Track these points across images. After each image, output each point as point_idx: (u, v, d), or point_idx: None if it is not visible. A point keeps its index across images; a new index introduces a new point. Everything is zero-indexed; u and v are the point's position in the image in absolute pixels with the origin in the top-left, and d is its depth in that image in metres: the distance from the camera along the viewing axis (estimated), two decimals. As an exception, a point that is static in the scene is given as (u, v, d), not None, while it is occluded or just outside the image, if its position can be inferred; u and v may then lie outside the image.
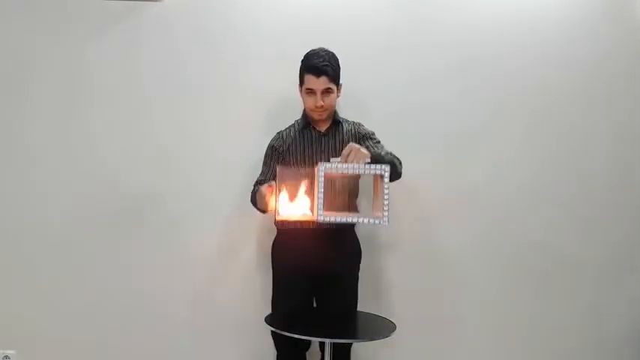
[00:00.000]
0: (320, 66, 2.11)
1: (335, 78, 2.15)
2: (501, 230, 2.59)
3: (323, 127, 2.26)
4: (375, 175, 1.88)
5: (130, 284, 2.54)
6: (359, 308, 2.28)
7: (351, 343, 2.28)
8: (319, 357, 2.18)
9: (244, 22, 2.52)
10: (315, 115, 2.21)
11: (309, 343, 2.25)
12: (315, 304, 2.29)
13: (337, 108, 2.27)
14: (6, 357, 2.53)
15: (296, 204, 1.91)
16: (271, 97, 2.50)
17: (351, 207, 2.29)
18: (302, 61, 2.17)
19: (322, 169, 1.85)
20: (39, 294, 2.53)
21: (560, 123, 2.59)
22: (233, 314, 2.56)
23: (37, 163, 2.52)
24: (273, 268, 2.31)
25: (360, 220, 1.90)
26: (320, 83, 2.12)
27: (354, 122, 2.32)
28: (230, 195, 2.52)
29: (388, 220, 1.82)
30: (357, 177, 2.27)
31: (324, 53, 2.14)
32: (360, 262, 2.32)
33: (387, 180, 1.82)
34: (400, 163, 2.17)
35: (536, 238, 2.59)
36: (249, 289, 2.54)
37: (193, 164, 2.54)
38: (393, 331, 1.93)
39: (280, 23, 2.52)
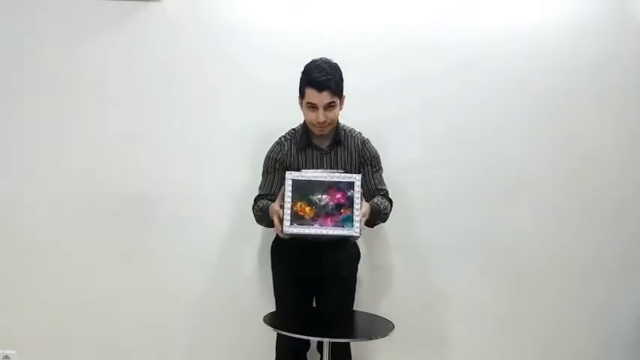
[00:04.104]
0: (322, 80, 2.00)
1: (338, 91, 2.05)
2: (500, 231, 2.58)
3: (324, 144, 2.17)
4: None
5: (129, 284, 2.54)
6: (357, 308, 2.28)
7: (349, 346, 2.28)
8: (318, 358, 2.18)
9: (244, 22, 2.52)
10: (317, 130, 2.12)
11: (308, 343, 2.25)
12: (314, 305, 2.29)
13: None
14: (6, 357, 2.53)
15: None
16: (273, 97, 2.49)
17: None
18: (302, 72, 2.07)
19: (290, 177, 1.89)
20: (39, 294, 2.53)
21: (561, 123, 2.58)
22: (233, 314, 2.56)
23: (37, 163, 2.52)
24: (272, 268, 2.31)
25: (331, 232, 1.88)
26: (322, 98, 2.01)
27: (360, 138, 2.21)
28: (230, 195, 2.52)
29: (360, 231, 1.87)
30: None
31: (326, 65, 2.03)
32: (358, 264, 2.31)
33: (357, 189, 1.87)
34: (391, 205, 2.18)
35: (536, 238, 2.58)
36: (249, 289, 2.54)
37: (194, 164, 2.54)
38: (391, 330, 1.92)
39: (281, 22, 2.52)
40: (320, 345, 2.10)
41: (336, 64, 2.07)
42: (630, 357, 2.61)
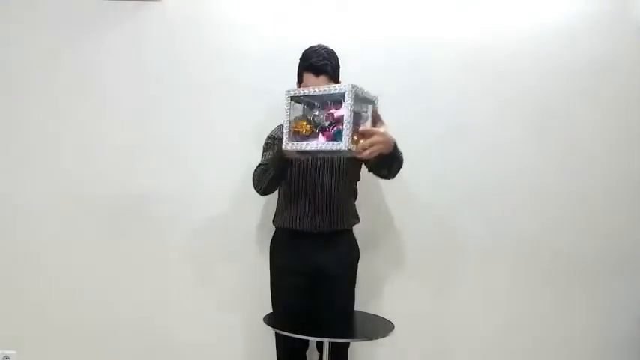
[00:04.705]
0: (319, 64, 2.05)
1: (335, 76, 2.10)
2: (501, 230, 2.58)
3: None
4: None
5: (129, 284, 2.55)
6: (358, 308, 2.28)
7: (349, 344, 2.27)
8: (317, 356, 2.18)
9: (244, 22, 2.53)
10: None
11: (307, 342, 2.25)
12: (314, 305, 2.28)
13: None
14: (6, 357, 2.54)
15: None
16: (271, 96, 2.49)
17: (351, 207, 2.29)
18: (300, 58, 2.12)
19: (289, 94, 1.82)
20: (39, 294, 2.54)
21: (562, 124, 2.57)
22: (232, 314, 2.56)
23: (37, 162, 2.53)
24: (270, 266, 2.30)
25: (322, 147, 1.77)
26: (319, 82, 2.05)
27: None
28: (229, 194, 2.52)
29: (346, 146, 1.72)
30: (359, 163, 2.20)
31: (323, 51, 2.09)
32: (357, 263, 2.30)
33: (348, 100, 1.72)
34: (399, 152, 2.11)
35: (537, 238, 2.58)
36: (249, 288, 2.54)
37: (193, 163, 2.54)
38: (391, 330, 1.92)
39: (280, 22, 2.52)
40: (319, 344, 2.09)
41: (333, 50, 2.11)
42: (631, 358, 2.61)
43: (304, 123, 1.84)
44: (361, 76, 2.42)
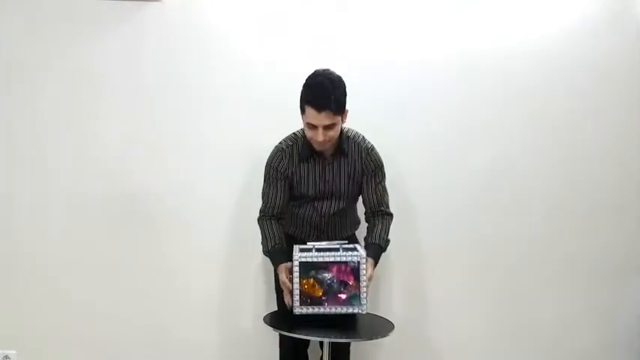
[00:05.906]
0: (322, 102, 1.90)
1: (339, 111, 1.95)
2: (502, 231, 2.58)
3: (328, 154, 2.11)
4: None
5: (130, 284, 2.54)
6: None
7: (349, 345, 2.27)
8: (319, 355, 2.18)
9: (244, 22, 2.52)
10: (316, 147, 2.06)
11: (308, 340, 2.25)
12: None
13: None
14: (6, 357, 2.53)
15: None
16: (271, 97, 2.49)
17: (353, 217, 2.29)
18: (304, 86, 1.97)
19: (297, 258, 1.88)
20: (39, 294, 2.53)
21: (563, 126, 2.58)
22: (233, 314, 2.56)
23: (37, 162, 2.52)
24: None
25: (339, 310, 1.89)
26: (322, 119, 1.92)
27: (364, 145, 2.14)
28: (230, 195, 2.52)
29: (367, 308, 1.88)
30: (359, 184, 2.19)
31: (327, 82, 1.93)
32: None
33: (363, 268, 1.87)
34: (392, 218, 2.20)
35: (537, 239, 2.59)
36: (250, 288, 2.54)
37: (193, 164, 2.54)
38: (391, 330, 1.92)
39: (280, 23, 2.51)
40: (321, 343, 2.10)
41: (338, 77, 1.97)
42: (632, 358, 2.62)
43: (314, 284, 1.90)
44: (361, 77, 2.45)
